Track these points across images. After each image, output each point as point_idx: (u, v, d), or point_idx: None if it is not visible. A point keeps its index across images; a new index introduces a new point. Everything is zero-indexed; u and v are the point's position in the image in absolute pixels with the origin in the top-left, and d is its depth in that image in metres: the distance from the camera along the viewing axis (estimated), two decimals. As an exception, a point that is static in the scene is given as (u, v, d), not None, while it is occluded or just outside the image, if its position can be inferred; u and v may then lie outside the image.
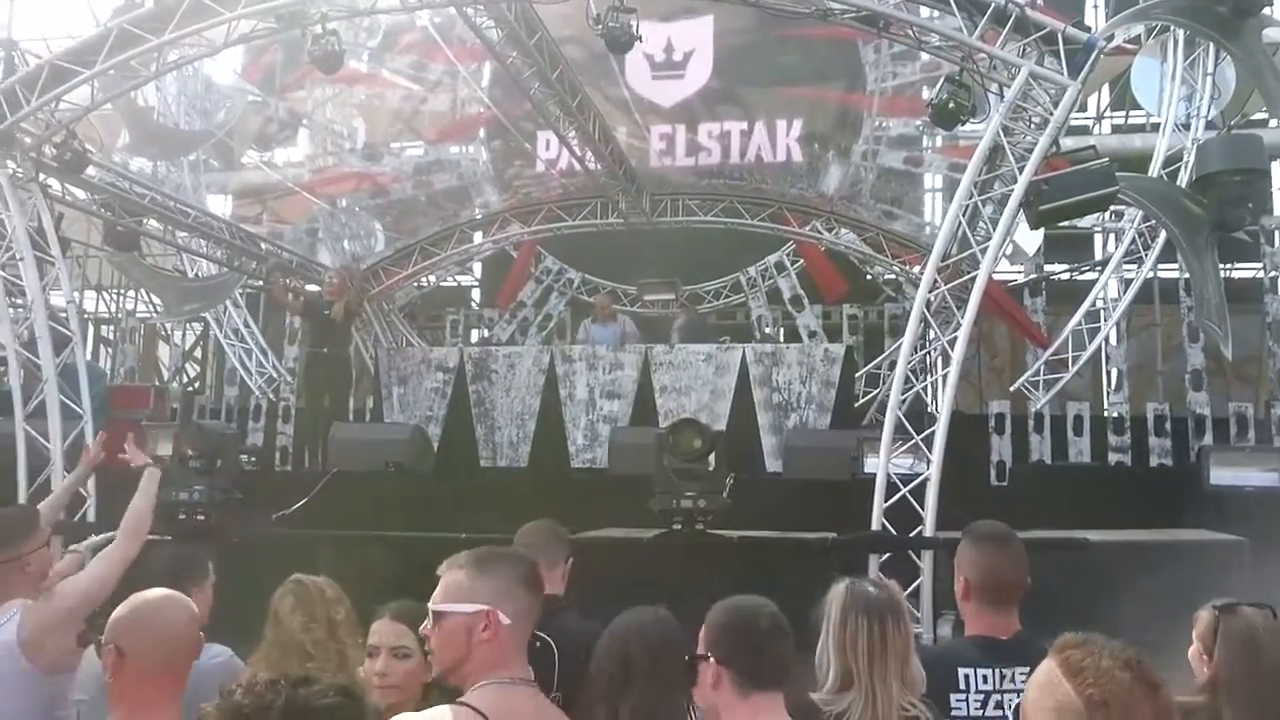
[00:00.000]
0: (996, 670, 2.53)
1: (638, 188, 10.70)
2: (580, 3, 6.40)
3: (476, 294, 14.71)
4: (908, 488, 5.56)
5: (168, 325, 13.89)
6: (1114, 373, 10.64)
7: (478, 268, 14.22)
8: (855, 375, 10.32)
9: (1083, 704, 1.40)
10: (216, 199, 13.06)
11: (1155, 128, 9.97)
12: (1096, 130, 12.71)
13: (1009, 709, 2.47)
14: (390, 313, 12.16)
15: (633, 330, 10.82)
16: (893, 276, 11.73)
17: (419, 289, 13.09)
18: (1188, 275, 9.15)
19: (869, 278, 12.19)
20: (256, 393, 11.61)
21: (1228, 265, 10.04)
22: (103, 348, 13.83)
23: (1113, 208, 8.77)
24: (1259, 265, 10.67)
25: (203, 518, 5.75)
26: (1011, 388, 10.20)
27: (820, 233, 11.12)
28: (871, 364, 11.50)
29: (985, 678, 2.53)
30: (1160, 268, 10.06)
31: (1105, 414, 9.98)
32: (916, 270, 9.89)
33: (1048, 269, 11.55)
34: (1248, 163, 6.87)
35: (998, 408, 9.31)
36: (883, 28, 6.18)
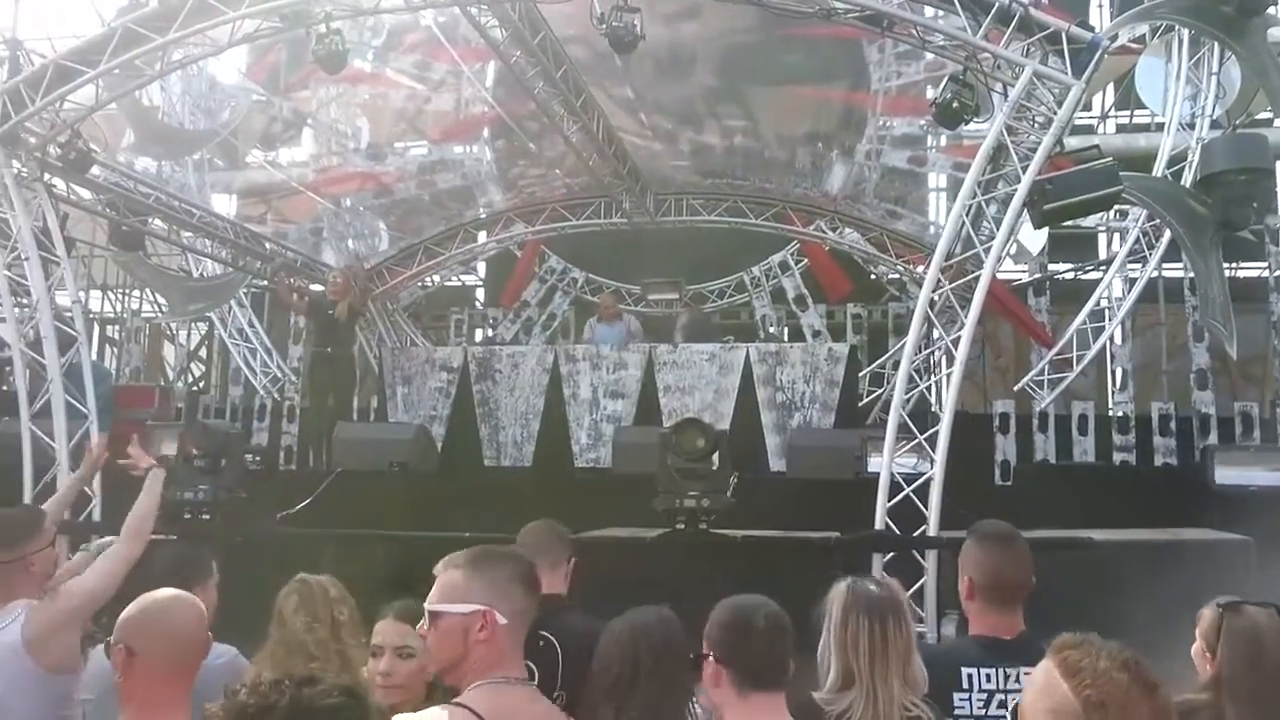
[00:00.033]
0: (1000, 670, 2.52)
1: (642, 187, 10.70)
2: (584, 2, 6.40)
3: (480, 293, 14.73)
4: (911, 487, 5.56)
5: (173, 325, 13.92)
6: (1119, 372, 10.62)
7: (482, 267, 14.24)
8: (859, 375, 10.31)
9: (1080, 705, 1.39)
10: (221, 198, 13.07)
11: (1160, 127, 9.93)
12: (1101, 129, 12.68)
13: (1012, 709, 2.46)
14: (394, 312, 12.17)
15: (638, 329, 10.81)
16: (897, 276, 11.72)
17: (423, 289, 13.11)
18: (1192, 274, 9.12)
19: (873, 277, 12.18)
20: (261, 392, 11.63)
21: (1232, 265, 9.99)
22: (108, 347, 13.86)
23: (1117, 207, 8.77)
24: (1264, 264, 10.62)
25: (207, 517, 5.77)
26: (1016, 387, 10.17)
27: (824, 232, 11.12)
28: (875, 363, 11.49)
29: (989, 677, 2.53)
30: (1165, 267, 10.03)
31: (1110, 413, 9.94)
32: (920, 270, 9.88)
33: (1052, 268, 11.53)
34: (1252, 162, 6.85)
35: (1002, 407, 9.28)
36: (886, 27, 6.17)
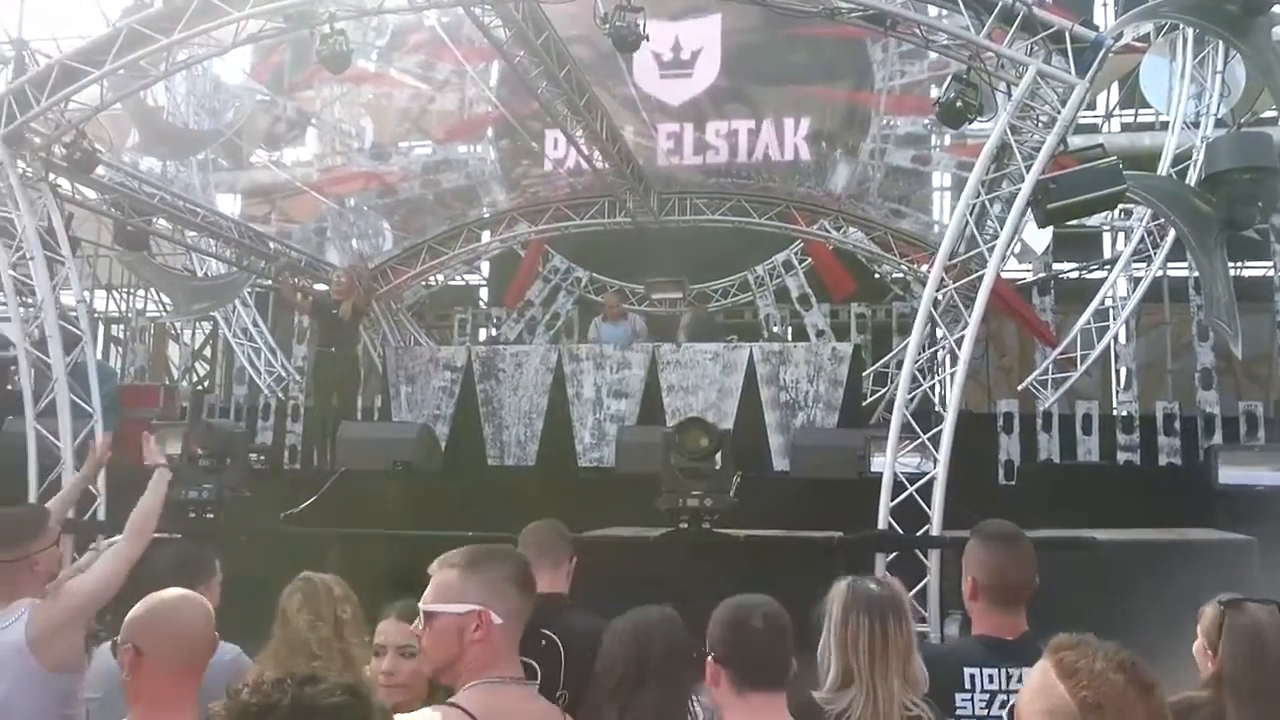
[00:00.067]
0: (1002, 670, 2.51)
1: (645, 187, 10.69)
2: (588, 2, 6.40)
3: (484, 293, 14.73)
4: (914, 487, 5.55)
5: (177, 324, 13.95)
6: (1123, 371, 10.60)
7: (485, 267, 14.24)
8: (863, 374, 10.30)
9: (1076, 706, 1.39)
10: (225, 198, 13.11)
11: (1164, 126, 9.93)
12: (1105, 128, 12.65)
13: (1008, 710, 2.46)
14: (398, 312, 12.18)
15: (643, 329, 10.81)
16: (901, 275, 11.71)
17: (427, 288, 13.12)
18: (1197, 274, 9.10)
19: (877, 276, 12.17)
20: (265, 391, 11.66)
21: (1237, 264, 9.97)
22: (113, 347, 13.89)
23: (1121, 206, 8.75)
24: (1269, 264, 10.60)
25: (211, 516, 5.79)
26: (1020, 386, 10.17)
27: (828, 231, 11.11)
28: (879, 363, 11.48)
29: (991, 678, 2.52)
30: (1169, 266, 10.01)
31: (1114, 413, 9.93)
32: (924, 269, 9.86)
33: (1056, 267, 11.51)
34: (1257, 161, 6.83)
35: (1006, 406, 9.28)
36: (890, 26, 6.16)
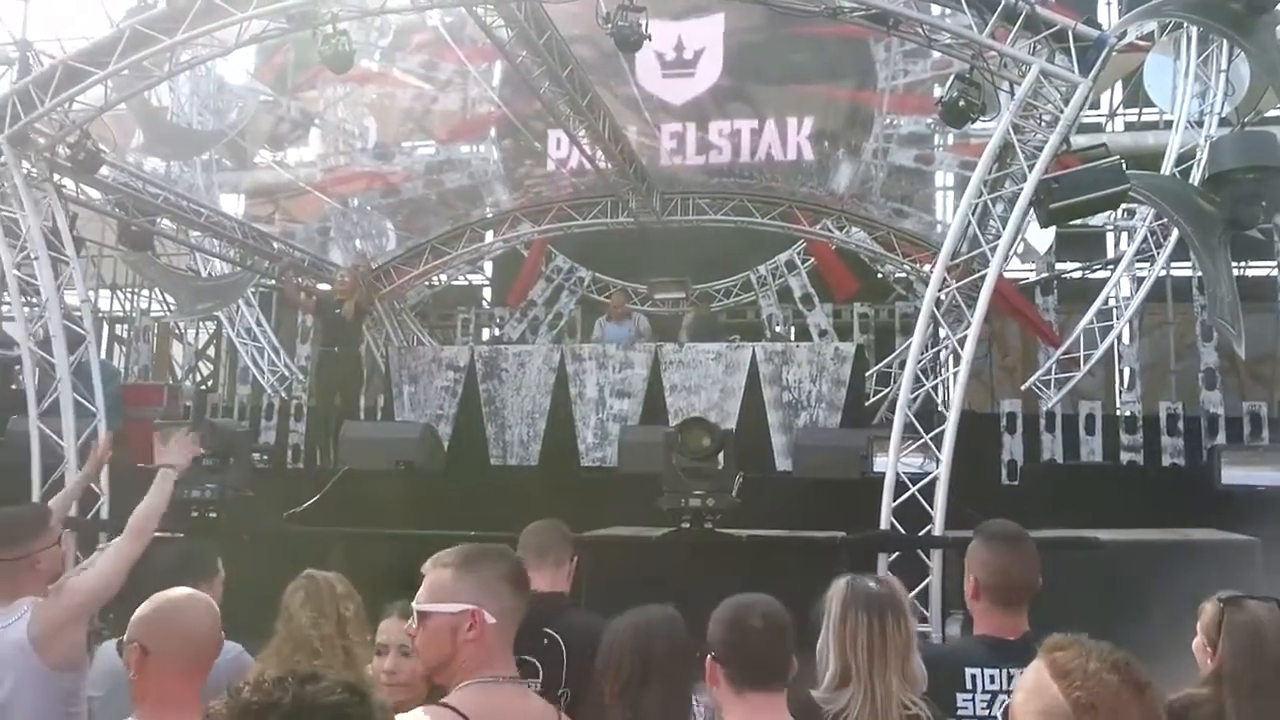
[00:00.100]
0: (1004, 670, 2.51)
1: (648, 186, 10.70)
2: (590, 2, 6.42)
3: (487, 293, 14.74)
4: (917, 486, 5.55)
5: (181, 324, 13.97)
6: (1126, 371, 10.58)
7: (488, 266, 14.25)
8: (866, 374, 10.29)
9: (1070, 707, 1.38)
10: (229, 198, 13.13)
11: (1168, 125, 9.89)
12: (1109, 127, 12.63)
13: (1002, 710, 2.45)
14: (401, 311, 12.20)
15: (647, 329, 10.80)
16: (904, 275, 11.69)
17: (430, 288, 13.14)
18: (1200, 273, 9.08)
19: (880, 276, 12.16)
20: (269, 391, 11.67)
21: (1241, 264, 9.97)
22: (117, 346, 13.92)
23: (1125, 206, 8.73)
24: (1273, 263, 10.59)
25: (214, 515, 5.79)
26: (1023, 386, 10.15)
27: (831, 231, 11.11)
28: (882, 363, 11.47)
29: (992, 678, 2.52)
30: (1173, 266, 9.99)
31: (1117, 413, 9.91)
32: (927, 269, 9.85)
33: (1059, 267, 11.49)
34: (1261, 160, 6.80)
35: (1009, 406, 9.27)
36: (892, 25, 6.16)
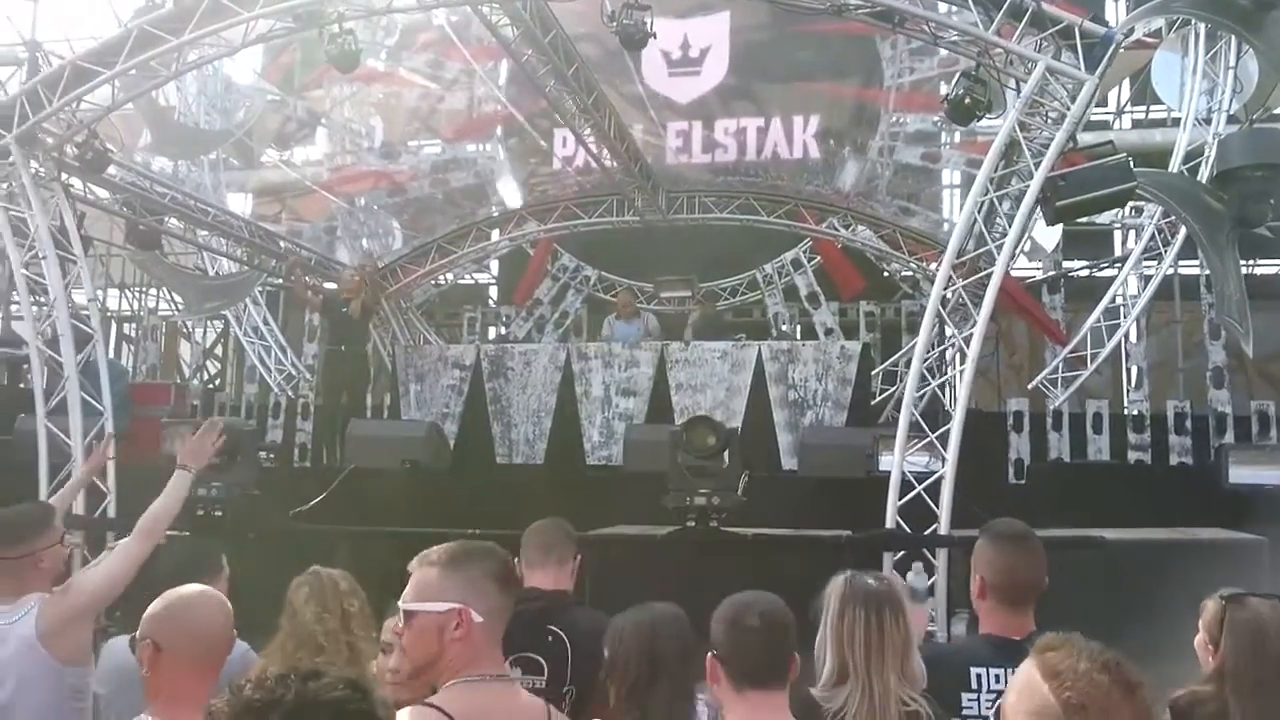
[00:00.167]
0: (1010, 670, 2.47)
1: (654, 185, 10.70)
2: (595, 0, 6.41)
3: (493, 291, 14.75)
4: (923, 485, 5.54)
5: (189, 323, 14.02)
6: (1134, 370, 10.53)
7: (495, 265, 14.26)
8: (872, 372, 10.26)
9: (1060, 707, 1.38)
10: (236, 198, 13.17)
11: (1176, 122, 9.86)
12: (1116, 125, 12.57)
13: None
14: (408, 310, 12.21)
15: (655, 327, 10.78)
16: (910, 273, 11.67)
17: (436, 287, 13.15)
18: (1208, 271, 9.04)
19: (886, 275, 12.14)
20: (276, 390, 11.70)
21: (1249, 262, 9.93)
22: (125, 345, 13.97)
23: (1132, 203, 8.70)
24: (1281, 261, 10.56)
25: (220, 514, 5.81)
26: (1030, 385, 10.12)
27: (837, 229, 11.09)
28: (888, 361, 11.42)
29: (998, 678, 2.50)
30: (1180, 264, 9.94)
31: (1125, 412, 9.87)
32: (934, 267, 9.81)
33: (1066, 265, 11.45)
34: (1270, 158, 6.77)
35: (1016, 405, 9.25)
36: (898, 23, 6.14)
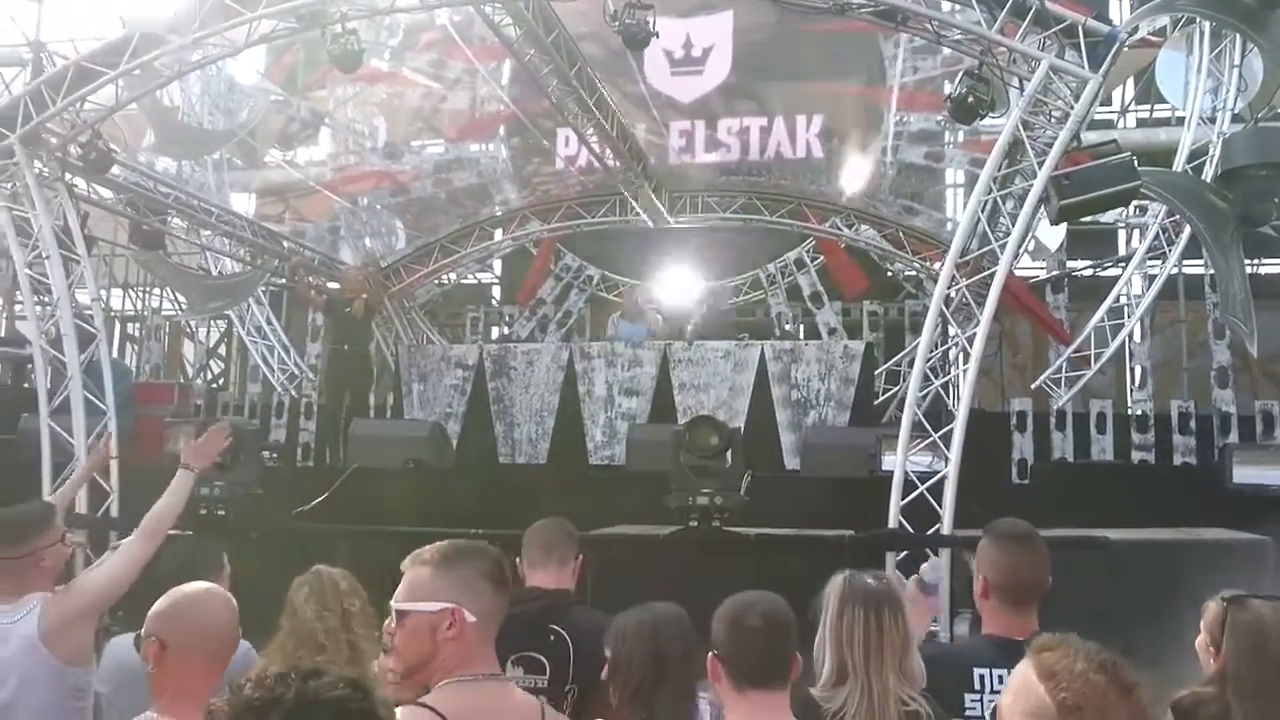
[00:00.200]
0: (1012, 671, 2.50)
1: (656, 184, 10.69)
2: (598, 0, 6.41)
3: (496, 291, 14.76)
4: (926, 485, 5.53)
5: (192, 323, 14.04)
6: (1138, 370, 10.51)
7: (498, 265, 14.26)
8: (875, 372, 10.25)
9: (1056, 708, 1.37)
10: (240, 198, 13.18)
11: (1180, 121, 9.83)
12: (1121, 124, 12.54)
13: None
14: (411, 310, 12.22)
15: (661, 327, 10.79)
16: (913, 273, 11.65)
17: (439, 286, 13.16)
18: (1213, 271, 9.01)
19: (889, 274, 12.12)
20: (279, 389, 11.70)
21: (1254, 261, 9.90)
22: (129, 345, 13.99)
23: (1136, 202, 8.68)
24: (1287, 261, 10.53)
25: (223, 513, 5.82)
26: (1033, 385, 10.10)
27: (840, 229, 11.07)
28: (892, 361, 11.42)
29: (1001, 678, 2.49)
30: (1185, 263, 9.91)
31: (1129, 412, 9.83)
32: (937, 266, 9.79)
33: (1070, 265, 11.42)
34: (1275, 157, 6.77)
35: (1019, 405, 9.20)
36: (901, 22, 6.13)
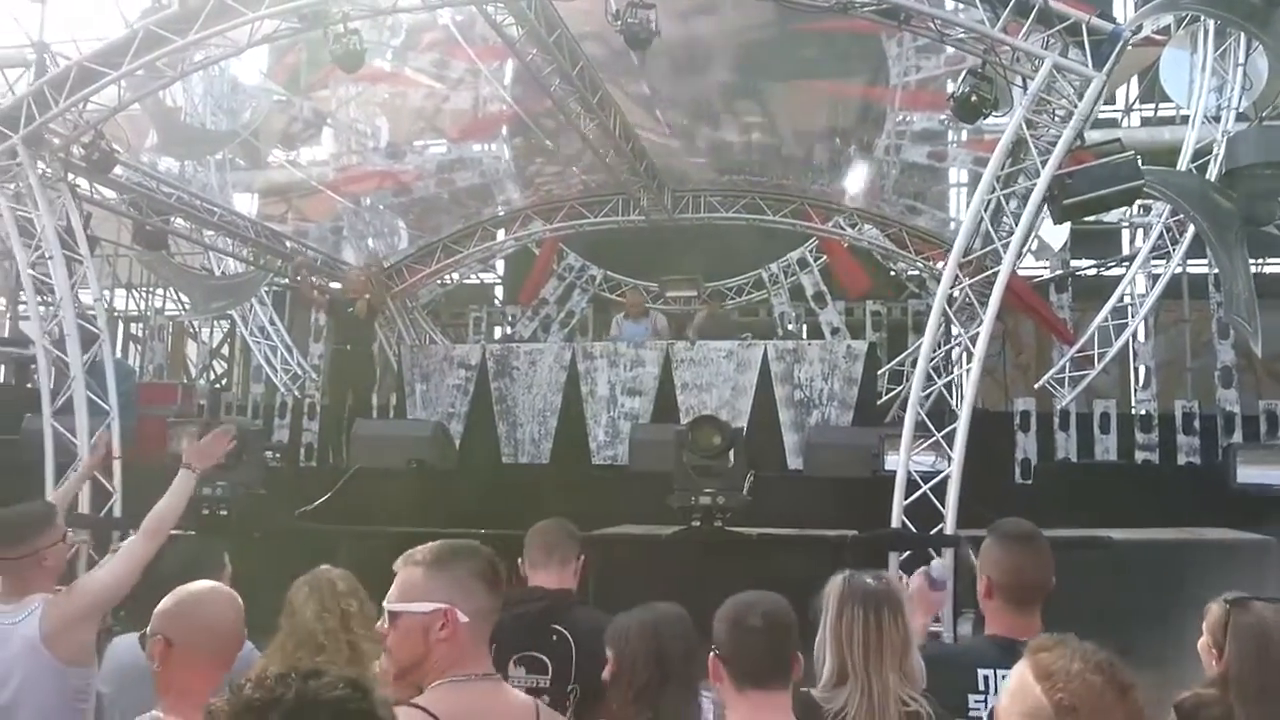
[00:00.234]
0: (1016, 672, 2.49)
1: (659, 184, 10.68)
2: (600, -1, 6.41)
3: (499, 291, 14.77)
4: (929, 485, 5.52)
5: (195, 323, 14.06)
6: (1142, 369, 10.48)
7: (500, 265, 14.28)
8: (878, 372, 10.25)
9: (1052, 709, 1.37)
10: (242, 198, 13.18)
11: (1185, 120, 9.81)
12: (1124, 123, 12.51)
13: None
14: (414, 310, 12.22)
15: (664, 327, 10.78)
16: (916, 272, 11.65)
17: (442, 286, 13.17)
18: (1217, 270, 8.99)
19: (892, 274, 12.12)
20: (282, 390, 11.72)
21: (1258, 260, 9.86)
22: (132, 345, 14.01)
23: (1140, 202, 8.66)
24: (1290, 260, 10.50)
25: (225, 513, 5.82)
26: (1037, 385, 10.09)
27: (843, 228, 11.07)
28: (895, 361, 11.41)
29: (1005, 679, 2.49)
30: (1189, 262, 9.89)
31: (1132, 411, 9.81)
32: (940, 266, 9.78)
33: (1074, 264, 11.41)
34: (1279, 156, 6.75)
35: (1023, 405, 9.19)
36: (904, 20, 6.12)
